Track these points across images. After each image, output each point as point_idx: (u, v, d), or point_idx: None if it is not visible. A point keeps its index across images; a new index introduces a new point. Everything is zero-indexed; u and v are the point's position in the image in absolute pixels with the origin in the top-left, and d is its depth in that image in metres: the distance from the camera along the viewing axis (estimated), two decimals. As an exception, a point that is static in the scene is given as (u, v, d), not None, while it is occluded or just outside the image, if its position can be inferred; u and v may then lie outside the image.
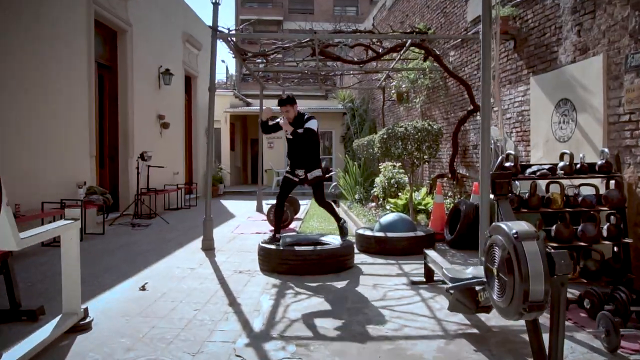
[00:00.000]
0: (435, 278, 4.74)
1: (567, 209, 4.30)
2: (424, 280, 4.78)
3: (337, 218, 5.77)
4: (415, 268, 5.45)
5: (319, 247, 5.26)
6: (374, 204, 10.53)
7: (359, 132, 15.68)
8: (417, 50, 8.62)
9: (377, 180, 9.90)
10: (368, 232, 6.39)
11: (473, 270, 3.61)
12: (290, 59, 8.27)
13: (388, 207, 8.78)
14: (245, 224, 9.07)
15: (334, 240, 5.70)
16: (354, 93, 17.24)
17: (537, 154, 5.92)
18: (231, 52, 7.59)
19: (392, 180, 9.56)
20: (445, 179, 8.91)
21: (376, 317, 3.75)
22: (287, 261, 5.12)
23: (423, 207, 8.15)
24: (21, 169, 6.37)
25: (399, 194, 8.97)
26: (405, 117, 11.41)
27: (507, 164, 4.46)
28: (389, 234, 6.22)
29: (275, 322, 3.65)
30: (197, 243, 6.67)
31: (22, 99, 6.40)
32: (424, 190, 8.79)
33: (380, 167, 10.04)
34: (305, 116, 5.59)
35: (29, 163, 6.51)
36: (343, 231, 5.61)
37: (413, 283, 4.76)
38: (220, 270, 5.31)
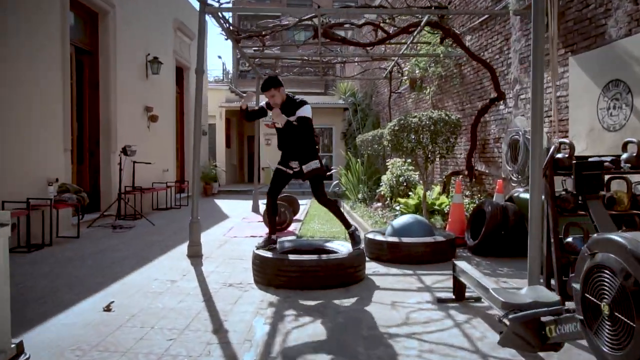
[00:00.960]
0: (466, 294, 3.90)
1: (636, 211, 3.46)
2: (453, 297, 3.93)
3: (346, 223, 4.90)
4: (437, 280, 4.62)
5: (324, 257, 4.41)
6: (379, 204, 9.69)
7: (360, 127, 14.84)
8: (429, 33, 7.78)
9: (384, 178, 9.05)
10: (379, 237, 5.55)
11: (530, 292, 2.77)
12: (290, 42, 7.40)
13: (397, 208, 7.94)
14: (239, 225, 8.22)
15: (341, 247, 4.86)
16: (355, 86, 16.38)
17: (579, 146, 5.07)
18: (223, 33, 6.73)
19: (401, 178, 8.71)
20: (460, 176, 8.06)
21: (401, 350, 2.90)
22: (286, 273, 4.27)
23: (437, 208, 7.31)
24: (-22, 163, 5.51)
25: (410, 193, 8.12)
26: (413, 109, 10.56)
27: (560, 155, 3.61)
28: (404, 239, 5.38)
29: (272, 358, 2.80)
30: (183, 248, 5.81)
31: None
32: (437, 189, 7.94)
33: (387, 164, 9.19)
34: (297, 100, 4.71)
35: (-12, 156, 5.65)
36: (355, 239, 4.73)
37: (440, 301, 3.91)
38: (206, 283, 4.45)
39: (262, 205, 10.49)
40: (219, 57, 50.36)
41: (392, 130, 6.82)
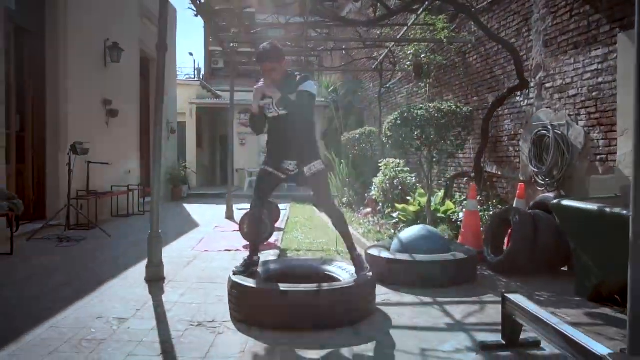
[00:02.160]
0: (521, 337, 2.90)
1: None
2: (503, 342, 2.92)
3: (351, 245, 3.78)
4: (467, 312, 3.62)
5: (326, 286, 3.33)
6: (369, 209, 8.67)
7: (342, 126, 13.80)
8: (429, 16, 6.80)
9: (377, 180, 8.04)
10: (385, 254, 4.51)
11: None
12: (270, 22, 6.33)
13: (395, 215, 6.93)
14: (211, 236, 7.07)
15: (341, 271, 3.80)
16: (337, 81, 15.31)
17: (631, 142, 4.14)
18: (193, 7, 5.62)
19: (396, 181, 7.71)
20: (465, 179, 7.12)
21: None
22: (275, 308, 3.19)
23: (443, 215, 6.33)
24: None
25: (408, 198, 7.12)
26: (405, 105, 9.55)
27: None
28: (417, 257, 4.36)
29: None
30: (142, 267, 4.60)
31: None
32: (440, 193, 6.96)
33: (380, 165, 8.18)
34: (298, 76, 3.64)
35: None
36: (360, 265, 3.64)
37: (485, 348, 2.89)
38: (167, 322, 3.33)
39: (237, 211, 9.36)
40: (191, 54, 48.58)
41: (392, 125, 5.80)
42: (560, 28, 5.09)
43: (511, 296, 2.86)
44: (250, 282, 3.33)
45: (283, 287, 3.25)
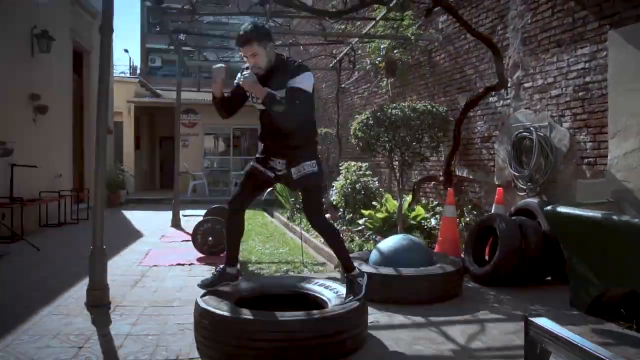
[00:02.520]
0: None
1: None
2: (525, 373, 2.53)
3: (348, 262, 3.24)
4: (468, 333, 3.23)
5: (316, 313, 2.81)
6: (328, 215, 8.20)
7: (292, 128, 13.29)
8: (393, 14, 6.44)
9: (337, 185, 7.60)
10: (365, 267, 4.03)
11: None
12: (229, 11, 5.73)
13: (361, 222, 6.51)
14: (158, 248, 6.33)
15: (325, 290, 3.27)
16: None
17: (624, 144, 3.93)
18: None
19: (358, 185, 7.30)
20: (432, 183, 6.83)
21: None
22: (257, 342, 2.63)
23: (414, 222, 5.97)
24: None
25: (374, 203, 6.72)
26: (362, 107, 9.17)
27: None
28: (404, 271, 3.93)
29: None
30: (81, 290, 3.87)
31: None
32: (407, 198, 6.61)
33: (340, 168, 7.75)
34: (293, 63, 3.08)
35: None
36: (355, 289, 3.12)
37: (508, 382, 2.49)
38: (118, 365, 2.69)
39: (183, 218, 8.62)
40: (126, 50, 46.31)
41: (363, 126, 5.37)
42: (541, 25, 4.86)
43: (537, 320, 2.45)
44: (224, 311, 2.73)
45: (265, 315, 2.70)
